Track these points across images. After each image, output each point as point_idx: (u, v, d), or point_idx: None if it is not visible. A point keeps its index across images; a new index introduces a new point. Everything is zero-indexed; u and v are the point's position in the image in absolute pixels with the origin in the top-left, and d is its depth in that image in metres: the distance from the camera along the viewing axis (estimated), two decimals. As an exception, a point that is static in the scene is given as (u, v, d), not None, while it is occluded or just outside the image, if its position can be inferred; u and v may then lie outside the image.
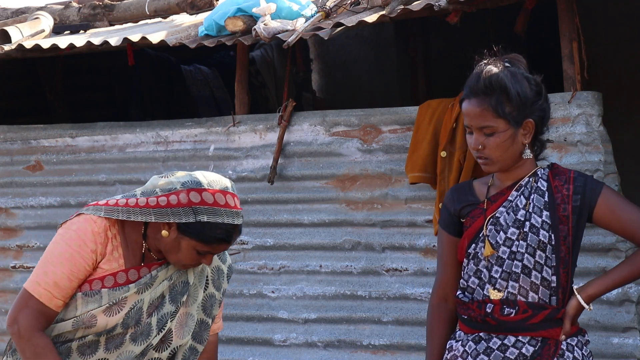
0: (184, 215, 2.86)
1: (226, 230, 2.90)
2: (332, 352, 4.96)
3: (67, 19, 6.05)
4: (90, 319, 2.89)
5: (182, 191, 2.88)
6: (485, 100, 3.01)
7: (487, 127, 3.02)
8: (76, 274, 2.88)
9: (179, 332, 3.00)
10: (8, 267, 5.77)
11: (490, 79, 3.00)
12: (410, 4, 4.45)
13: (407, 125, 4.78)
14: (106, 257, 2.92)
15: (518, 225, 3.05)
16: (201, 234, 2.88)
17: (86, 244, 2.89)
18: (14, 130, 5.82)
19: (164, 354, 3.00)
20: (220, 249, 2.95)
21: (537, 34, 6.06)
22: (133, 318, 2.92)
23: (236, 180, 5.19)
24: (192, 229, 2.88)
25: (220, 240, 2.90)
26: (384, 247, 4.85)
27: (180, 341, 3.00)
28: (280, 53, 7.37)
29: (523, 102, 3.01)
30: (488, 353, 3.06)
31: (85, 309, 2.89)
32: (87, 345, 2.92)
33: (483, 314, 3.07)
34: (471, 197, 3.16)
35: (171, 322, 2.98)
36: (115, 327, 2.91)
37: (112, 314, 2.90)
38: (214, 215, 2.87)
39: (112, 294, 2.90)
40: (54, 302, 2.89)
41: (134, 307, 2.92)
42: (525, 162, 3.10)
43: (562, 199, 3.06)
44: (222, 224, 2.88)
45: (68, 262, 2.88)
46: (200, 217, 2.86)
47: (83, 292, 2.90)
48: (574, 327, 3.09)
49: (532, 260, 3.03)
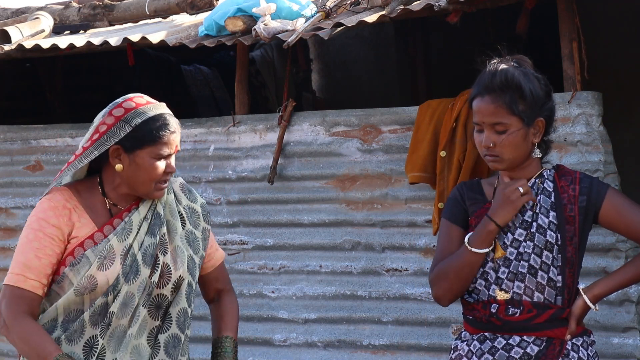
0: (120, 130, 2.93)
1: (162, 120, 2.96)
2: (332, 352, 4.96)
3: (67, 19, 6.05)
4: (90, 281, 2.89)
5: (106, 116, 2.97)
6: (500, 97, 3.02)
7: (500, 124, 3.03)
8: (43, 250, 2.91)
9: (174, 264, 3.00)
10: (8, 267, 5.76)
11: (506, 76, 3.02)
12: (410, 4, 4.45)
13: (407, 125, 4.78)
14: (75, 226, 2.94)
15: (525, 226, 3.05)
16: (145, 136, 2.93)
17: (46, 221, 2.92)
18: (14, 130, 5.82)
19: (166, 288, 2.99)
20: (171, 142, 2.96)
21: (537, 34, 6.05)
22: (129, 266, 2.92)
23: (236, 180, 5.19)
24: (134, 138, 2.93)
25: (163, 129, 2.95)
26: (384, 247, 4.85)
27: (177, 273, 3.00)
28: (280, 53, 7.37)
29: (535, 101, 3.03)
30: (493, 352, 3.06)
31: (79, 276, 2.90)
32: (98, 313, 2.91)
33: (488, 314, 3.07)
34: (479, 196, 3.16)
35: (164, 257, 2.98)
36: (118, 281, 2.91)
37: (106, 268, 2.90)
38: (143, 113, 2.95)
39: (96, 250, 2.91)
40: (29, 283, 2.89)
41: (124, 254, 2.92)
42: (531, 163, 3.11)
43: (568, 199, 3.07)
44: (154, 117, 2.95)
45: (32, 241, 2.92)
46: (133, 122, 2.93)
47: (69, 266, 2.91)
48: (580, 327, 3.09)
49: (539, 260, 3.04)
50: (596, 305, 3.08)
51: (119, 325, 2.92)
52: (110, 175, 3.00)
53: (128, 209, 3.01)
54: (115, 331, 2.92)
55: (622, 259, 4.27)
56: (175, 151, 3.01)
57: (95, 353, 2.89)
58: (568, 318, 3.06)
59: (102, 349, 2.90)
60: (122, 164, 2.96)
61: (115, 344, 2.92)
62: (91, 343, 2.90)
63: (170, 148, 2.98)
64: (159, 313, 2.99)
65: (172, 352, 3.01)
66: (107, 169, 3.01)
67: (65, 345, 2.89)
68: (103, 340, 2.90)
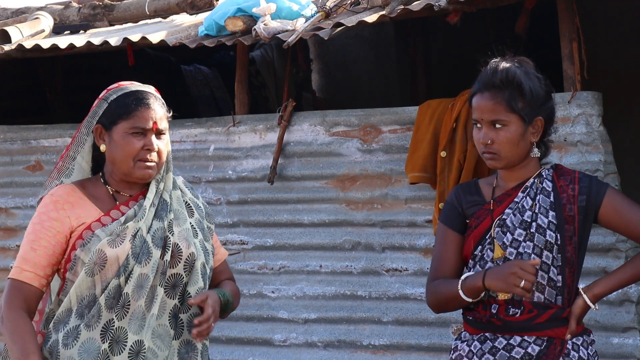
0: (99, 108, 3.01)
1: (138, 94, 3.00)
2: (332, 352, 4.96)
3: (67, 19, 6.06)
4: (100, 257, 2.90)
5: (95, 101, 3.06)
6: (499, 94, 3.02)
7: (499, 121, 3.03)
8: (38, 242, 2.93)
9: (184, 243, 3.01)
10: (8, 267, 5.77)
11: (507, 73, 3.03)
12: (410, 4, 4.46)
13: (407, 125, 4.78)
14: (80, 215, 2.96)
15: (525, 226, 3.05)
16: (118, 111, 2.97)
17: (47, 215, 2.95)
18: (14, 130, 5.82)
19: (179, 267, 3.00)
20: (146, 117, 2.96)
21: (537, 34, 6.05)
22: (139, 247, 2.93)
23: (236, 180, 5.20)
24: (109, 114, 2.98)
25: (137, 103, 2.97)
26: (384, 247, 4.85)
27: (188, 250, 3.00)
28: (280, 53, 7.37)
29: (535, 100, 3.04)
30: (494, 352, 3.06)
31: (90, 253, 2.91)
32: (112, 297, 2.91)
33: (488, 314, 3.07)
34: (477, 197, 3.17)
35: (173, 237, 2.99)
36: (128, 261, 2.91)
37: (116, 245, 2.91)
38: (120, 90, 3.02)
39: (106, 228, 2.94)
40: (24, 275, 2.91)
41: (133, 235, 2.93)
42: (529, 163, 3.11)
43: (567, 199, 3.07)
44: (130, 92, 3.01)
45: (30, 235, 2.95)
46: (110, 98, 3.00)
47: (80, 247, 2.92)
48: (580, 326, 3.09)
49: (539, 260, 3.04)
50: (596, 304, 3.08)
51: (137, 307, 2.93)
52: (108, 163, 3.04)
53: (135, 198, 3.03)
54: (134, 313, 2.93)
55: (622, 259, 4.27)
56: (155, 128, 2.98)
57: (112, 336, 2.90)
58: (568, 318, 3.06)
59: (123, 331, 2.91)
60: (104, 141, 3.00)
61: (137, 326, 2.93)
62: (108, 326, 2.90)
63: (146, 122, 2.97)
64: (176, 292, 3.00)
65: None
66: (106, 160, 3.06)
67: (84, 332, 2.89)
68: (121, 323, 2.91)
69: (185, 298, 3.02)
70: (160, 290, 2.96)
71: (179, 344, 3.01)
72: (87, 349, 2.88)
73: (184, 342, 3.02)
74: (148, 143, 2.97)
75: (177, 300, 3.01)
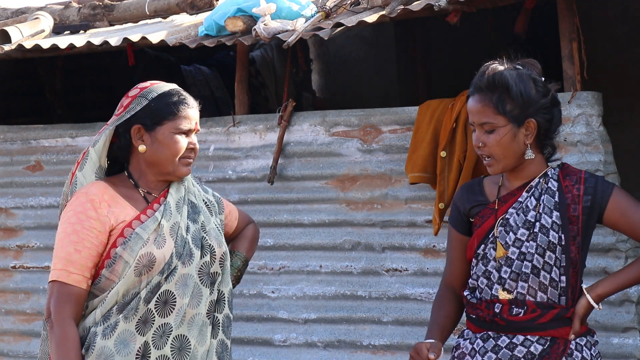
0: (137, 104, 3.02)
1: (179, 94, 3.05)
2: (332, 352, 4.96)
3: (67, 19, 6.05)
4: (148, 257, 2.95)
5: (122, 99, 3.07)
6: (487, 96, 3.03)
7: (487, 124, 3.04)
8: (82, 243, 2.94)
9: (215, 243, 3.10)
10: (8, 267, 5.77)
11: (493, 76, 3.03)
12: (410, 4, 4.45)
13: (407, 125, 4.78)
14: (118, 214, 2.99)
15: (528, 226, 3.06)
16: (163, 110, 3.01)
17: (86, 214, 2.95)
18: (14, 130, 5.82)
19: (215, 265, 3.09)
20: (190, 117, 3.05)
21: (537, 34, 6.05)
22: (182, 247, 2.99)
23: (236, 181, 5.19)
24: (153, 113, 3.01)
25: (182, 103, 3.03)
26: (384, 247, 4.85)
27: (221, 250, 3.11)
28: (280, 53, 7.37)
29: (525, 102, 3.03)
30: (496, 351, 3.07)
31: (134, 253, 2.94)
32: (151, 291, 2.95)
33: (492, 313, 3.08)
34: (481, 197, 3.18)
35: (209, 238, 3.08)
36: (172, 259, 2.97)
37: (161, 246, 2.96)
38: (157, 88, 3.05)
39: (146, 226, 2.97)
40: (72, 278, 2.93)
41: (175, 234, 2.99)
42: (533, 163, 3.10)
43: (572, 199, 3.07)
44: (170, 91, 3.05)
45: (72, 235, 2.94)
46: (150, 95, 3.02)
47: (121, 245, 2.95)
48: (583, 327, 3.10)
49: (542, 260, 3.04)
50: (599, 304, 3.08)
51: (183, 304, 2.98)
52: (136, 164, 3.07)
53: (163, 195, 3.08)
54: (180, 310, 2.98)
55: (622, 259, 4.27)
56: (196, 129, 3.09)
57: (154, 331, 2.94)
58: (572, 318, 3.06)
59: (168, 327, 2.96)
60: (144, 144, 3.02)
61: (182, 323, 2.98)
62: (146, 320, 2.94)
63: (189, 123, 3.06)
64: (214, 290, 3.08)
65: (227, 332, 3.13)
66: (132, 160, 3.08)
67: (122, 324, 2.92)
68: (167, 319, 2.96)
69: (220, 298, 3.11)
70: (205, 290, 3.03)
71: (216, 342, 3.09)
72: (124, 339, 2.92)
73: (219, 342, 3.10)
74: (192, 142, 3.08)
75: (214, 297, 3.09)
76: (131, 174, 3.08)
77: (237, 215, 3.37)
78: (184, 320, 2.99)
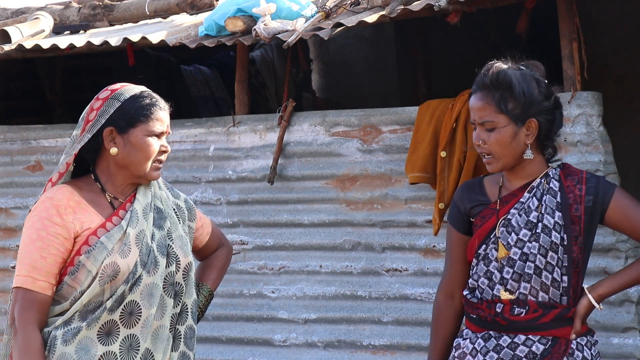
0: (109, 106, 2.98)
1: (151, 97, 3.02)
2: (332, 352, 4.96)
3: (67, 19, 6.05)
4: (112, 267, 2.91)
5: (92, 102, 3.03)
6: (489, 94, 3.03)
7: (488, 122, 3.04)
8: (47, 250, 2.90)
9: (182, 252, 3.05)
10: (8, 267, 5.77)
11: (497, 74, 3.03)
12: (410, 4, 4.46)
13: (407, 125, 4.78)
14: (83, 221, 2.94)
15: (530, 226, 3.05)
16: (137, 113, 2.98)
17: (51, 220, 2.91)
18: (14, 130, 5.82)
19: (178, 276, 3.04)
20: (163, 120, 3.01)
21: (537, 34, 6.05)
22: (146, 255, 2.95)
23: (236, 181, 5.19)
24: (126, 115, 2.97)
25: (154, 105, 2.99)
26: (384, 247, 4.85)
27: (186, 260, 3.07)
28: (280, 53, 7.37)
29: (527, 101, 3.03)
30: (498, 350, 3.07)
31: (97, 263, 2.90)
32: (116, 301, 2.92)
33: (493, 313, 3.08)
34: (482, 197, 3.17)
35: (174, 246, 3.03)
36: (137, 268, 2.93)
37: (126, 255, 2.92)
38: (129, 89, 3.02)
39: (111, 235, 2.93)
40: (38, 285, 2.89)
41: (139, 242, 2.95)
42: (533, 163, 3.10)
43: (574, 199, 3.07)
44: (142, 93, 3.02)
45: (37, 241, 2.90)
46: (122, 97, 2.99)
47: (85, 253, 2.91)
48: (584, 326, 3.10)
49: (544, 260, 3.04)
50: (601, 304, 3.09)
51: (149, 315, 2.95)
52: (105, 167, 3.02)
53: (129, 200, 3.03)
54: (146, 321, 2.94)
55: (622, 259, 4.27)
56: (167, 132, 3.04)
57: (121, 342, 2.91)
58: (573, 317, 3.07)
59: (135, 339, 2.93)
60: (116, 146, 2.98)
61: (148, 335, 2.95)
62: (109, 329, 2.91)
63: (162, 125, 3.01)
64: (177, 302, 3.04)
65: (189, 343, 3.07)
66: (101, 162, 3.03)
67: (84, 331, 2.89)
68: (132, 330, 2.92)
69: (183, 309, 3.05)
70: (169, 300, 2.99)
71: (177, 355, 3.04)
72: (85, 346, 2.89)
73: (181, 354, 3.05)
74: (164, 145, 3.03)
75: (179, 310, 3.04)
76: (98, 176, 3.03)
77: (210, 231, 3.28)
78: (154, 334, 2.95)
